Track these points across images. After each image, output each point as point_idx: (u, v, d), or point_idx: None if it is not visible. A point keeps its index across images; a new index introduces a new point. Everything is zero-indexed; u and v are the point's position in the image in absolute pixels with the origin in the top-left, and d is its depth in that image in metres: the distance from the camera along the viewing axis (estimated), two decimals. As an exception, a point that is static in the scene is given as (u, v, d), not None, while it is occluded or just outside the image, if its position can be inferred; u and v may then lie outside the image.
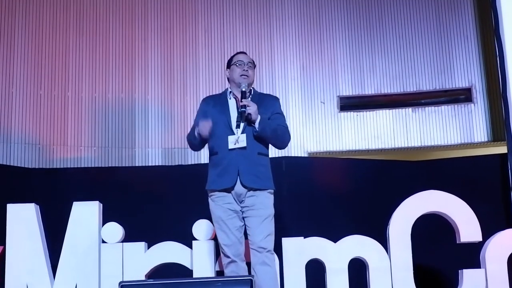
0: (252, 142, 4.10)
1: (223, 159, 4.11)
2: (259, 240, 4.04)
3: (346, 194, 6.29)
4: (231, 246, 4.08)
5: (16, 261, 4.51)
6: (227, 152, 4.08)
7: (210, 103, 4.29)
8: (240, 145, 4.06)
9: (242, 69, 4.24)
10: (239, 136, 4.06)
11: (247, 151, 4.07)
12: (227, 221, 4.09)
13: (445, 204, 4.65)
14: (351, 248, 4.65)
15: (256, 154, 4.12)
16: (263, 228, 4.05)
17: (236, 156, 4.06)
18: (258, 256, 4.04)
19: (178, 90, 7.46)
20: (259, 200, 4.08)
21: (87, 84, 7.29)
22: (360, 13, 7.70)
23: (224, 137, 4.10)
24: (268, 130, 4.10)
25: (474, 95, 7.34)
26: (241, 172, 4.06)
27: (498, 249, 4.54)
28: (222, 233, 4.11)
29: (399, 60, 7.56)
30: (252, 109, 4.05)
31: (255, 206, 4.07)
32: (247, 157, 4.08)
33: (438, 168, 6.44)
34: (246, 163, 4.07)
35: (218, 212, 4.12)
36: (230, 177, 4.07)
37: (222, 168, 4.10)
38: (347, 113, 7.50)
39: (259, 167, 4.12)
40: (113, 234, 4.65)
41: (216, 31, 7.64)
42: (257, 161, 4.12)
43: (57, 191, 6.18)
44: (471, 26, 7.50)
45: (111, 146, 7.20)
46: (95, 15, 7.46)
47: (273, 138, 4.17)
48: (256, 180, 4.08)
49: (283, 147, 4.34)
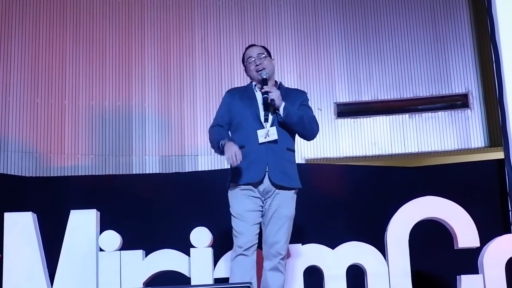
0: (281, 136, 3.94)
1: (251, 153, 3.91)
2: (279, 245, 3.91)
3: (343, 200, 6.29)
4: (247, 238, 3.86)
5: (14, 270, 4.50)
6: (256, 146, 3.91)
7: (236, 95, 4.11)
8: (271, 138, 3.91)
9: (254, 64, 4.07)
10: (269, 130, 3.92)
11: (276, 146, 3.92)
12: (248, 213, 3.90)
13: (443, 210, 4.65)
14: (349, 254, 4.65)
15: (285, 149, 3.97)
16: (284, 232, 3.94)
17: (265, 150, 3.90)
18: (273, 260, 3.92)
19: (175, 98, 7.46)
20: (285, 200, 3.95)
21: (84, 92, 7.29)
22: (357, 20, 7.72)
23: (252, 131, 3.94)
24: (293, 116, 3.93)
25: (471, 101, 7.35)
26: (270, 167, 3.90)
27: (496, 255, 4.54)
28: (241, 223, 3.89)
29: (395, 66, 7.58)
30: (275, 94, 3.88)
31: (280, 207, 3.93)
32: (276, 152, 3.92)
33: (436, 174, 6.45)
34: (275, 158, 3.91)
35: (240, 204, 3.93)
36: (258, 171, 3.90)
37: (249, 161, 3.90)
38: (344, 120, 7.51)
39: (287, 163, 3.98)
40: (111, 242, 4.64)
41: (213, 40, 7.65)
42: (286, 157, 3.97)
43: (55, 199, 6.18)
44: (467, 33, 7.53)
45: (109, 154, 7.19)
46: (92, 24, 7.47)
47: (299, 125, 3.98)
48: (284, 177, 3.93)
49: (311, 137, 4.14)
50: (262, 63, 4.06)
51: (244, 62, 4.16)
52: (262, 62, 4.07)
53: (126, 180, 6.68)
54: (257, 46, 4.22)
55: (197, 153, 7.29)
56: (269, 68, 4.07)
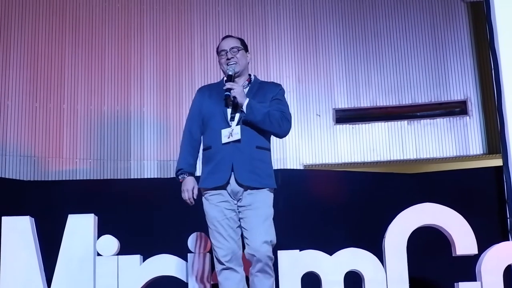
0: (250, 135, 3.74)
1: (216, 154, 3.75)
2: (259, 244, 3.64)
3: (341, 206, 6.28)
4: (227, 249, 3.69)
5: (11, 274, 4.48)
6: (221, 147, 3.73)
7: (206, 94, 3.92)
8: (234, 138, 3.71)
9: (225, 58, 3.85)
10: (233, 129, 3.72)
11: (242, 145, 3.72)
12: (222, 221, 3.72)
13: (441, 217, 4.64)
14: (347, 260, 4.63)
15: (254, 147, 3.76)
16: (263, 230, 3.68)
17: (231, 150, 3.72)
18: (258, 262, 3.66)
19: (173, 103, 7.47)
20: (258, 198, 3.73)
21: (82, 96, 7.30)
22: (356, 25, 7.73)
23: (219, 131, 3.76)
24: (257, 114, 3.72)
25: (470, 107, 7.36)
26: (235, 168, 3.71)
27: (494, 262, 4.53)
28: (217, 235, 3.72)
29: (394, 73, 7.59)
30: (237, 91, 3.71)
31: (253, 205, 3.71)
32: (243, 151, 3.72)
33: (434, 181, 6.45)
34: (241, 158, 3.71)
35: (212, 212, 3.76)
36: (223, 174, 3.72)
37: (215, 164, 3.75)
38: (342, 126, 7.52)
39: (257, 162, 3.75)
40: (108, 247, 4.63)
41: (211, 44, 7.65)
42: (255, 155, 3.75)
43: (52, 203, 6.17)
44: (466, 39, 7.54)
45: (107, 158, 7.19)
46: (91, 28, 7.47)
47: (265, 123, 3.75)
48: (252, 177, 3.72)
49: (282, 134, 3.87)
50: (234, 57, 3.86)
51: (218, 54, 3.96)
52: (234, 56, 3.87)
53: (124, 185, 6.67)
54: (232, 38, 4.02)
55: (195, 158, 7.28)
56: (241, 63, 3.88)
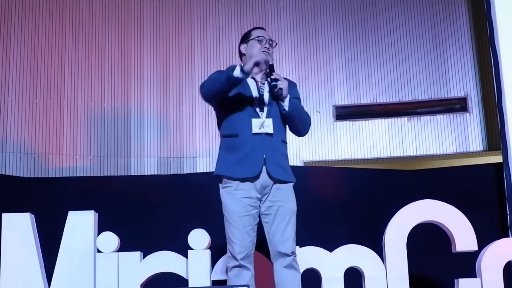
0: (277, 128, 3.70)
1: (245, 144, 3.64)
2: (289, 242, 3.69)
3: (341, 203, 6.29)
4: (243, 246, 3.62)
5: (11, 271, 4.49)
6: (250, 136, 3.63)
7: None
8: (265, 131, 3.64)
9: (263, 45, 3.75)
10: (264, 120, 3.65)
11: (272, 138, 3.67)
12: (243, 217, 3.62)
13: (441, 214, 4.65)
14: (347, 257, 4.64)
15: (280, 141, 3.73)
16: (292, 225, 3.72)
17: (261, 142, 3.64)
18: (286, 258, 3.70)
19: (173, 100, 7.46)
20: (286, 192, 3.72)
21: (82, 93, 7.29)
22: (356, 22, 7.72)
23: (246, 119, 3.65)
24: (296, 111, 3.71)
25: (470, 104, 7.36)
26: (267, 160, 3.63)
27: (494, 258, 4.54)
28: (236, 230, 3.62)
29: (394, 69, 7.58)
30: (284, 84, 3.62)
31: (284, 202, 3.70)
32: (273, 145, 3.67)
33: (434, 177, 6.45)
34: (272, 151, 3.65)
35: (234, 206, 3.64)
36: (255, 165, 3.62)
37: (244, 154, 3.63)
38: (342, 123, 7.51)
39: (282, 157, 3.74)
40: (109, 244, 4.63)
41: (211, 42, 7.65)
42: (280, 149, 3.73)
43: (52, 200, 6.17)
44: (466, 36, 7.53)
45: (107, 155, 7.19)
46: (91, 25, 7.46)
47: (300, 120, 3.78)
48: (282, 171, 3.69)
49: (305, 133, 3.89)
50: (269, 49, 3.78)
51: (248, 39, 3.84)
52: (270, 48, 3.79)
53: (124, 182, 6.67)
54: (266, 32, 3.91)
55: (195, 155, 7.29)
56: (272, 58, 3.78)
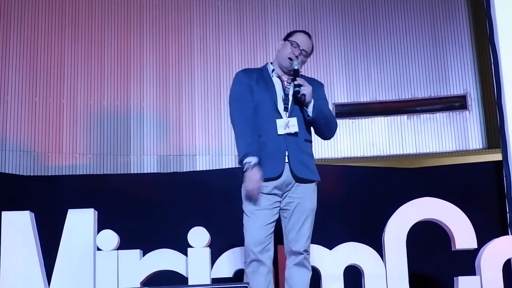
0: (300, 127, 3.71)
1: (268, 144, 3.67)
2: (303, 240, 3.70)
3: (341, 201, 6.29)
4: (261, 241, 3.63)
5: (11, 269, 4.49)
6: (274, 136, 3.67)
7: (253, 78, 3.82)
8: (290, 131, 3.67)
9: (292, 51, 3.80)
10: (289, 120, 3.67)
11: (296, 138, 3.69)
12: (263, 212, 3.65)
13: (440, 211, 4.65)
14: (347, 255, 4.64)
15: (303, 140, 3.74)
16: (308, 227, 3.73)
17: (284, 141, 3.67)
18: (298, 256, 3.72)
19: (173, 98, 7.46)
20: (307, 193, 3.73)
21: (82, 91, 7.28)
22: (356, 21, 7.72)
23: (270, 119, 3.69)
24: (321, 116, 3.73)
25: (469, 102, 7.36)
26: (291, 159, 3.66)
27: (494, 256, 4.54)
28: (254, 224, 3.65)
29: (394, 67, 7.58)
30: (307, 90, 3.66)
31: (303, 200, 3.71)
32: (297, 144, 3.69)
33: (433, 175, 6.46)
34: (296, 150, 3.68)
35: (252, 202, 3.66)
36: (277, 165, 3.65)
37: (267, 154, 3.66)
38: (342, 120, 7.51)
39: (306, 155, 3.75)
40: (108, 242, 4.64)
41: (211, 40, 7.65)
42: (304, 148, 3.74)
43: (52, 198, 6.18)
44: (466, 34, 7.53)
45: (106, 153, 7.19)
46: (90, 23, 7.46)
47: (325, 125, 3.81)
48: (305, 170, 3.71)
49: (331, 137, 3.93)
50: (298, 57, 3.81)
51: (287, 38, 3.89)
52: (299, 57, 3.82)
53: (124, 180, 6.68)
54: (310, 41, 3.92)
55: (195, 153, 7.29)
56: (301, 66, 3.82)
